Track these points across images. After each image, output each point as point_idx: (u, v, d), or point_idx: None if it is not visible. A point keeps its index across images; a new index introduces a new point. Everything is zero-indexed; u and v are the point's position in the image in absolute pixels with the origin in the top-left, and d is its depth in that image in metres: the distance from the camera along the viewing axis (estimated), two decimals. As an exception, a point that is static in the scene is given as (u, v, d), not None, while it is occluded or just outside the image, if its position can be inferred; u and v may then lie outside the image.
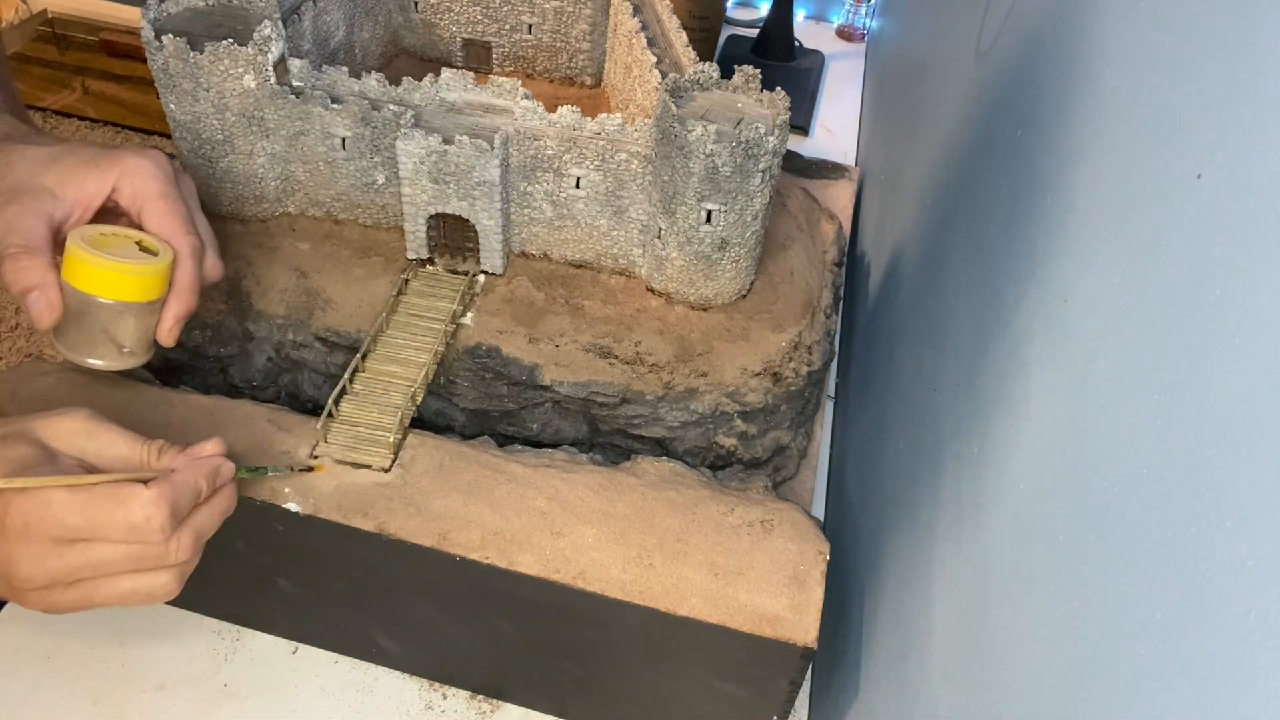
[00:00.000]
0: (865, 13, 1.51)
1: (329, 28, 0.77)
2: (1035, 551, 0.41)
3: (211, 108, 0.66)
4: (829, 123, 1.34)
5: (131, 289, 0.55)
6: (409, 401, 0.62)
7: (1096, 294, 0.41)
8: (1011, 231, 0.54)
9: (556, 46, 0.86)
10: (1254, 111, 0.31)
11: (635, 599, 0.56)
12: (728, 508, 0.60)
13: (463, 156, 0.63)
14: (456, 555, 0.57)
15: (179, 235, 0.57)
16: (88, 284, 0.54)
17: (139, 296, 0.55)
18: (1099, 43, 0.47)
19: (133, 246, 0.56)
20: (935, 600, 0.52)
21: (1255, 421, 0.28)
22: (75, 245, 0.54)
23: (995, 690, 0.42)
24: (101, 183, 0.56)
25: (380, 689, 0.68)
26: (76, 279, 0.54)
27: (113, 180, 0.57)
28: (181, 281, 0.57)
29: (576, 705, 0.66)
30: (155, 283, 0.56)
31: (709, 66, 0.65)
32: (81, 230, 0.55)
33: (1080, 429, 0.39)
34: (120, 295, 0.54)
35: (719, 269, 0.67)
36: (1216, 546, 0.28)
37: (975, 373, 0.55)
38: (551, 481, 0.60)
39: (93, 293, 0.54)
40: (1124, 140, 0.41)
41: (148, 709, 0.65)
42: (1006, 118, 0.60)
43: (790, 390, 0.69)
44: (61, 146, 0.58)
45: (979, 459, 0.50)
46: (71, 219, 0.56)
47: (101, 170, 0.56)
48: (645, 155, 0.64)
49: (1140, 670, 0.31)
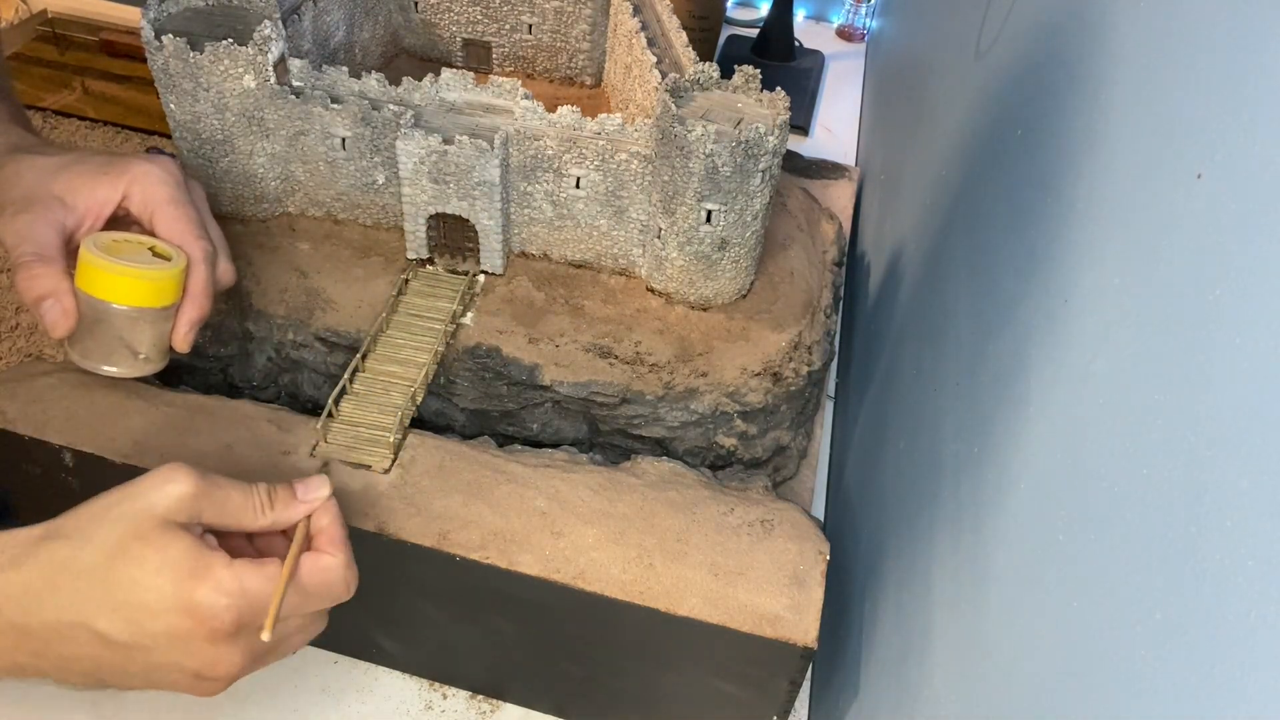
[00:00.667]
0: (865, 13, 1.51)
1: (329, 28, 0.77)
2: (1035, 551, 0.41)
3: (211, 108, 0.66)
4: (829, 123, 1.34)
5: (146, 294, 0.54)
6: (409, 401, 0.62)
7: (1096, 294, 0.41)
8: (1011, 231, 0.54)
9: (556, 46, 0.86)
10: (1254, 111, 0.31)
11: (635, 599, 0.56)
12: (728, 508, 0.60)
13: (463, 156, 0.63)
14: (456, 555, 0.57)
15: (191, 240, 0.57)
16: (103, 290, 0.53)
17: (154, 302, 0.55)
18: (1099, 42, 0.47)
19: (146, 252, 0.56)
20: (935, 600, 0.52)
21: (1255, 421, 0.28)
22: (89, 251, 0.53)
23: (995, 690, 0.42)
24: (112, 190, 0.56)
25: (380, 689, 0.68)
26: (91, 285, 0.53)
27: (123, 187, 0.56)
28: (195, 286, 0.57)
29: (576, 705, 0.66)
30: (170, 287, 0.55)
31: (709, 66, 0.65)
32: (94, 237, 0.55)
33: (1080, 429, 0.39)
34: (135, 301, 0.54)
35: (719, 269, 0.67)
36: (1216, 546, 0.28)
37: (975, 373, 0.55)
38: (551, 481, 0.60)
39: (108, 299, 0.54)
40: (1124, 140, 0.41)
41: (147, 709, 0.65)
42: (1006, 118, 0.60)
43: (790, 390, 0.69)
44: (70, 155, 0.57)
45: (979, 459, 0.50)
46: (83, 227, 0.56)
47: (111, 177, 0.56)
48: (645, 155, 0.64)
49: (1140, 670, 0.31)
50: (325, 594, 0.48)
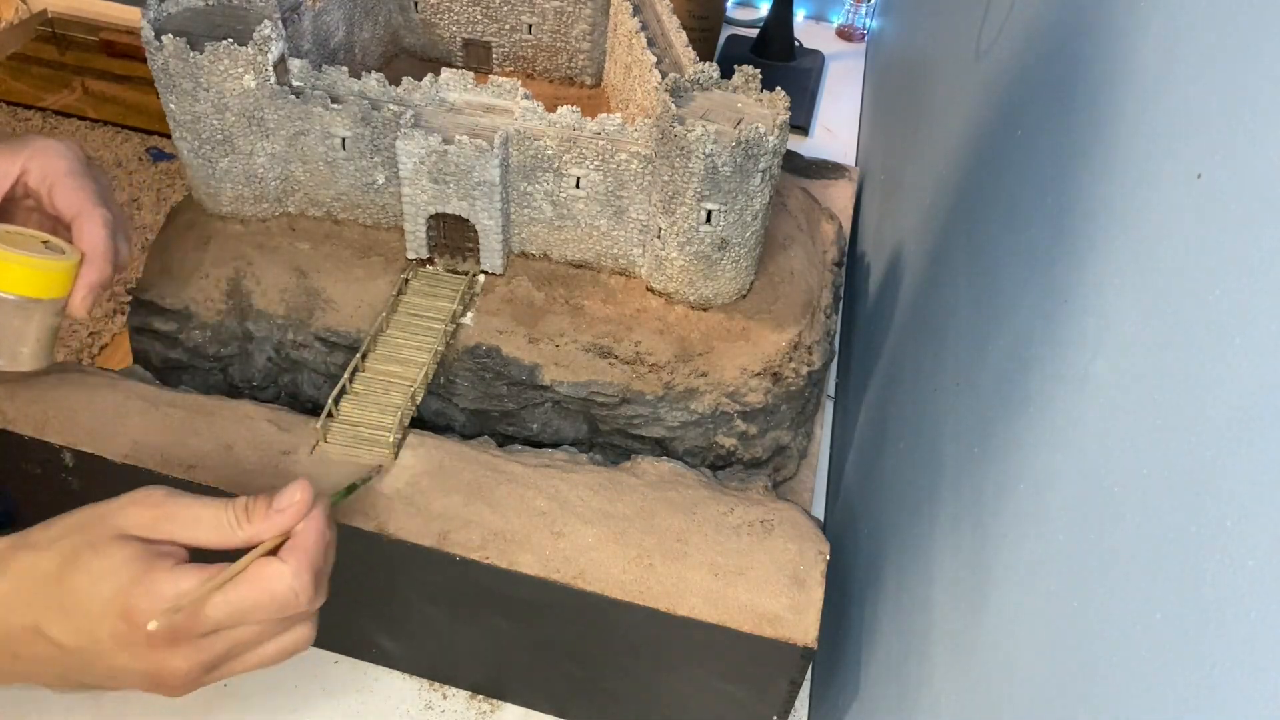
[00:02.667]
0: (865, 13, 1.51)
1: (329, 28, 0.77)
2: (1035, 551, 0.41)
3: (211, 108, 0.66)
4: (829, 123, 1.34)
5: (39, 284, 0.54)
6: (409, 401, 0.62)
7: (1096, 294, 0.41)
8: (1012, 231, 0.54)
9: (556, 46, 0.86)
10: (1254, 111, 0.31)
11: (635, 599, 0.56)
12: (728, 508, 0.60)
13: (463, 156, 0.63)
14: (456, 555, 0.57)
15: (89, 206, 0.56)
16: (11, 280, 0.53)
17: (46, 293, 0.54)
18: (1099, 43, 0.47)
19: (39, 245, 0.55)
20: (935, 600, 0.52)
21: (1255, 421, 0.28)
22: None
23: (995, 690, 0.42)
24: (10, 164, 0.56)
25: (380, 689, 0.68)
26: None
27: (21, 161, 0.56)
28: (95, 249, 0.56)
29: (576, 705, 0.66)
30: (63, 280, 0.55)
31: (709, 66, 0.65)
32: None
33: (1080, 429, 0.39)
34: (27, 290, 0.53)
35: (719, 269, 0.67)
36: (1216, 546, 0.28)
37: (975, 372, 0.55)
38: (551, 481, 0.60)
39: (14, 290, 0.53)
40: (1124, 140, 0.41)
41: (148, 709, 0.65)
42: (1006, 118, 0.60)
43: (790, 390, 0.69)
44: None
45: (979, 459, 0.50)
46: None
47: (10, 152, 0.56)
48: (645, 155, 0.64)
49: (1140, 670, 0.31)
50: (268, 602, 0.45)
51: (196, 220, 0.72)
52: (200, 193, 0.72)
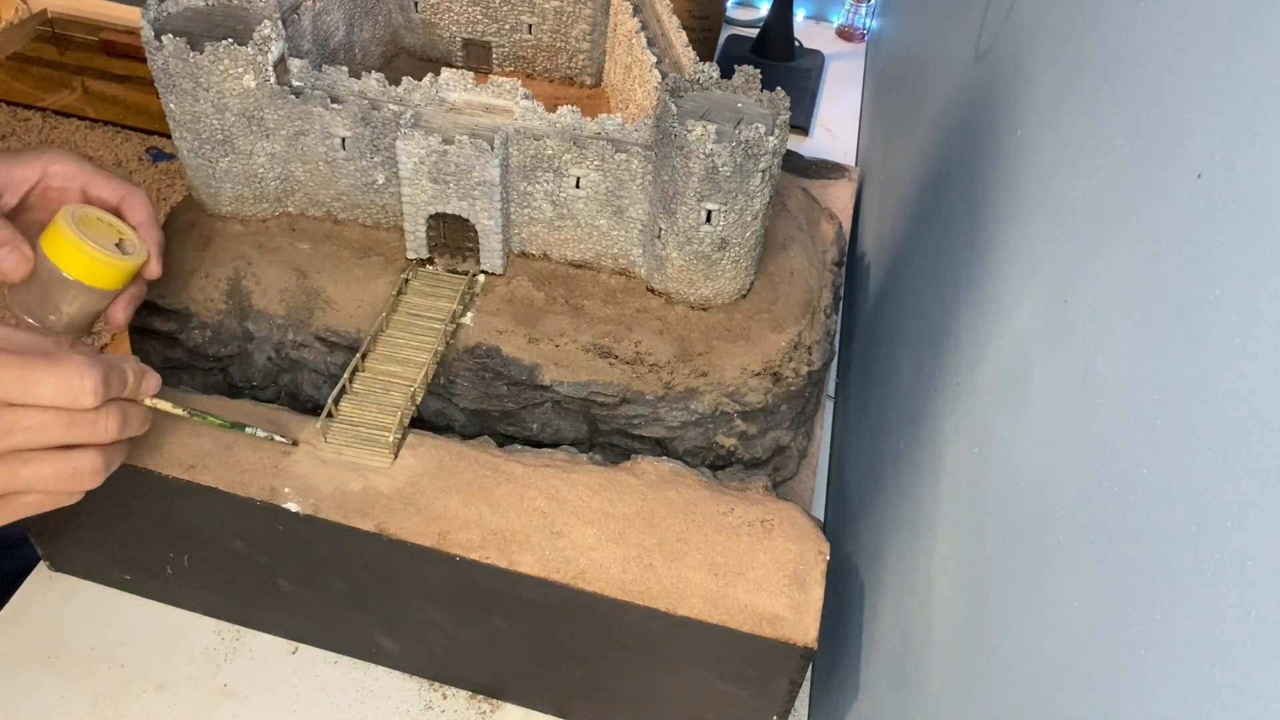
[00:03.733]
0: (865, 13, 1.51)
1: (329, 28, 0.77)
2: (1035, 551, 0.41)
3: (211, 108, 0.66)
4: (829, 123, 1.34)
5: (104, 278, 0.57)
6: (409, 401, 0.62)
7: (1096, 294, 0.41)
8: (1011, 231, 0.54)
9: (556, 46, 0.86)
10: (1254, 111, 0.31)
11: (635, 599, 0.56)
12: (728, 508, 0.60)
13: (463, 156, 0.63)
14: (456, 555, 0.57)
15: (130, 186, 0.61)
16: (67, 261, 0.56)
17: (106, 285, 0.58)
18: (1098, 43, 0.47)
19: (114, 237, 0.59)
20: (935, 600, 0.52)
21: (1255, 421, 0.28)
22: (65, 222, 0.56)
23: (995, 690, 0.42)
24: (29, 169, 0.60)
25: (380, 689, 0.68)
26: (57, 253, 0.56)
27: (40, 167, 0.60)
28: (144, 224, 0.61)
29: (576, 705, 0.66)
30: (124, 277, 0.58)
31: (709, 66, 0.65)
32: (72, 209, 0.57)
33: (1080, 429, 0.39)
34: (92, 280, 0.57)
35: (719, 269, 0.67)
36: (1216, 546, 0.28)
37: (975, 372, 0.55)
38: (551, 481, 0.60)
39: (68, 270, 0.56)
40: (1124, 140, 0.41)
41: (148, 709, 0.65)
42: (1006, 118, 0.60)
43: (790, 390, 0.69)
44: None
45: (979, 459, 0.50)
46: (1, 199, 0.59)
47: (27, 159, 0.60)
48: (645, 155, 0.64)
49: (1140, 670, 0.31)
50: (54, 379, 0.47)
51: (196, 220, 0.72)
52: (200, 193, 0.72)
